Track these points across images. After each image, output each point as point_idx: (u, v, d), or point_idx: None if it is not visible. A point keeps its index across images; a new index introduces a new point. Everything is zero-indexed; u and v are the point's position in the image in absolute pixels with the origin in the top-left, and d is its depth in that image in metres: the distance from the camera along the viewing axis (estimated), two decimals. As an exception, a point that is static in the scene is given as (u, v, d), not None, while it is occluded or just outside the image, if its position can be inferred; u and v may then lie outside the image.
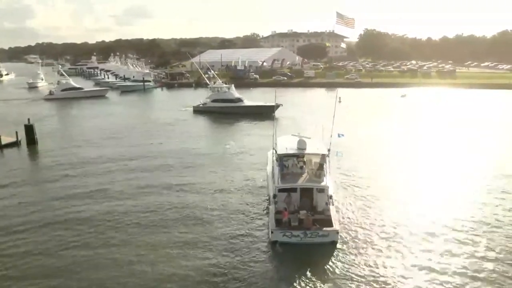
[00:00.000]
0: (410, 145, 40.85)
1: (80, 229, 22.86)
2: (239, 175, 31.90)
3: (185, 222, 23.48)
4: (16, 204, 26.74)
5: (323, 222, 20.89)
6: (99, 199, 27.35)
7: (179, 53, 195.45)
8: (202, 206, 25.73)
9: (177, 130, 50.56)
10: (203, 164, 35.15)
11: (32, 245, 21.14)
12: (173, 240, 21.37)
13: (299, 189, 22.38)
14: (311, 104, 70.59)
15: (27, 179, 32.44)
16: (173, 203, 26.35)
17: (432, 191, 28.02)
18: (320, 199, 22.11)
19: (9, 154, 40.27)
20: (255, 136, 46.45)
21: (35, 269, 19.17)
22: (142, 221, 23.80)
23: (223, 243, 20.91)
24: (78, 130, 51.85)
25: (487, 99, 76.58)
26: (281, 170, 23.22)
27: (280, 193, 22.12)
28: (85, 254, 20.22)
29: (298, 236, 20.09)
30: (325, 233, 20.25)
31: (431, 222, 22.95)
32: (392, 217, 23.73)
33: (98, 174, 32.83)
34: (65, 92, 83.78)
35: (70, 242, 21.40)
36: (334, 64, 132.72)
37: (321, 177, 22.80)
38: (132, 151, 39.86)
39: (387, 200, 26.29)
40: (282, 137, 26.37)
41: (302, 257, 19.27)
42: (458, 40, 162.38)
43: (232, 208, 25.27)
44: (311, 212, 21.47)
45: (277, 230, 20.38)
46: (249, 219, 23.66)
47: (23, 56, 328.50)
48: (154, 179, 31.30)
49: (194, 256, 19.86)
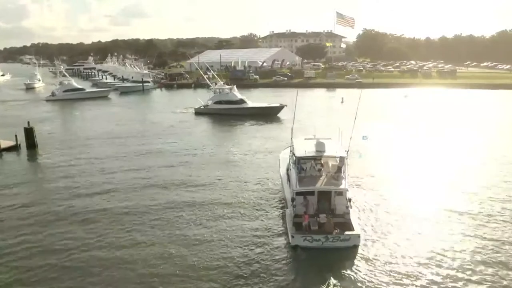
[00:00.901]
0: (425, 146, 40.27)
1: (89, 233, 22.39)
2: (249, 178, 31.14)
3: (198, 227, 22.97)
4: (17, 210, 25.96)
5: (343, 225, 20.60)
6: (104, 204, 26.54)
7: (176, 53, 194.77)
8: (214, 211, 25.02)
9: (179, 133, 49.42)
10: (210, 168, 34.20)
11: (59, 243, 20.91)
12: (189, 245, 20.89)
13: (316, 192, 21.90)
14: (314, 105, 69.70)
15: (27, 184, 31.39)
16: (182, 207, 25.66)
17: (454, 193, 27.52)
18: (339, 202, 21.72)
19: (9, 158, 39.10)
20: (261, 138, 45.59)
21: (43, 274, 18.79)
22: (152, 229, 22.99)
23: (241, 248, 20.49)
24: (79, 133, 50.59)
25: (491, 99, 76.16)
26: (298, 173, 22.67)
27: (297, 197, 21.70)
28: (101, 256, 19.87)
29: (319, 241, 19.81)
30: (346, 237, 19.94)
31: (456, 223, 22.58)
32: (413, 219, 23.28)
33: (102, 178, 31.89)
34: (67, 93, 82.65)
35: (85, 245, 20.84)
36: (334, 64, 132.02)
37: (340, 179, 22.32)
38: (135, 154, 38.85)
39: (406, 202, 25.79)
40: (299, 139, 25.82)
41: (324, 261, 18.94)
42: (457, 40, 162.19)
43: (246, 212, 24.77)
44: (330, 216, 21.09)
45: (297, 234, 20.07)
46: (265, 224, 23.23)
47: (18, 57, 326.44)
48: (159, 184, 30.38)
49: (212, 262, 19.39)
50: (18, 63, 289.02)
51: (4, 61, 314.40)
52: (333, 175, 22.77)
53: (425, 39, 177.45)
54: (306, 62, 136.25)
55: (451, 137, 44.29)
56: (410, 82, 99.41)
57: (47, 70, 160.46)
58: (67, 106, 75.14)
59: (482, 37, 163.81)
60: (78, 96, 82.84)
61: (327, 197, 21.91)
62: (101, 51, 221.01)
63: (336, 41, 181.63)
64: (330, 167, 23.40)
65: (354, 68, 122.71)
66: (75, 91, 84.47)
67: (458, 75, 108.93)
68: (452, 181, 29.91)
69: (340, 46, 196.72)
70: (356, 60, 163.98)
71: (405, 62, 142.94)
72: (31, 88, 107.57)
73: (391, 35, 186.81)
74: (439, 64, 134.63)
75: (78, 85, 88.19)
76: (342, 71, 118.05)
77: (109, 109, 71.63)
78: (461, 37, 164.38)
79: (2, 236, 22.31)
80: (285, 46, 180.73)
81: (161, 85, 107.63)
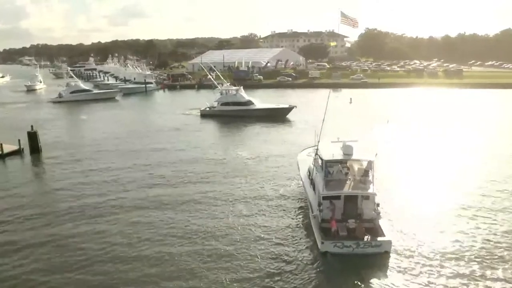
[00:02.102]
0: (444, 148, 39.45)
1: (99, 243, 21.39)
2: (266, 183, 30.40)
3: (220, 234, 22.19)
4: (20, 218, 25.00)
5: (371, 231, 20.14)
6: (114, 213, 25.29)
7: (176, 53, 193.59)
8: (234, 217, 24.24)
9: (187, 136, 47.86)
10: (224, 173, 32.99)
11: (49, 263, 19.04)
12: (215, 255, 20.13)
13: (343, 197, 21.32)
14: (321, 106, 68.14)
15: (29, 191, 30.22)
16: (201, 213, 24.94)
17: (482, 194, 27.02)
18: (367, 206, 21.10)
19: (11, 163, 37.89)
20: (272, 141, 44.37)
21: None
22: (168, 235, 22.02)
23: (268, 255, 19.87)
24: (85, 136, 49.25)
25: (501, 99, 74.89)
26: (325, 177, 21.97)
27: (324, 201, 21.21)
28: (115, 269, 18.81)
29: (350, 247, 19.37)
30: (378, 243, 19.46)
31: (486, 224, 22.18)
32: (444, 223, 22.79)
33: (108, 184, 30.69)
34: (74, 95, 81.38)
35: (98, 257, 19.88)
36: (339, 64, 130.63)
37: (368, 183, 21.66)
38: (142, 160, 37.37)
39: (434, 205, 25.15)
40: (325, 142, 25.03)
41: (355, 268, 18.39)
42: (460, 39, 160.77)
43: (268, 218, 24.06)
44: (359, 221, 20.54)
45: (327, 240, 19.61)
46: (290, 229, 22.63)
47: (17, 58, 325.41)
48: (169, 190, 29.23)
49: (239, 270, 18.84)
50: (18, 64, 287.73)
51: (3, 63, 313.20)
52: (360, 179, 22.05)
53: (428, 38, 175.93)
54: (310, 62, 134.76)
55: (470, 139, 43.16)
56: (416, 82, 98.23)
57: (48, 71, 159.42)
58: (73, 108, 73.78)
59: (486, 35, 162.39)
60: (85, 98, 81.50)
61: (354, 201, 21.31)
62: (101, 51, 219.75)
63: (339, 40, 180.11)
64: (357, 170, 22.63)
65: (359, 68, 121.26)
66: (82, 92, 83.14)
67: (464, 75, 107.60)
68: (480, 180, 29.34)
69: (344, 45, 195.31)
70: (359, 60, 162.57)
71: (409, 61, 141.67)
72: (32, 90, 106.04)
73: (393, 35, 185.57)
74: (444, 63, 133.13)
75: (85, 87, 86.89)
76: (347, 71, 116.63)
77: (115, 112, 70.07)
78: (464, 36, 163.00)
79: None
80: (286, 46, 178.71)
81: (163, 86, 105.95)
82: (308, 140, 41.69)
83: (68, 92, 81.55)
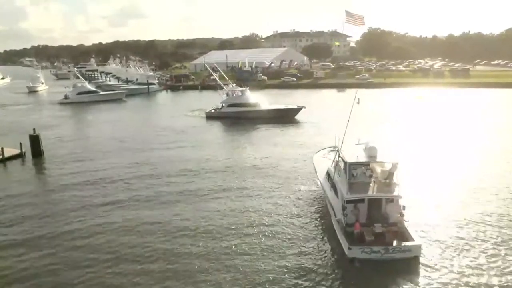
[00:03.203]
0: (469, 150, 38.39)
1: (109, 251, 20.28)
2: (281, 186, 29.35)
3: (242, 241, 21.39)
4: (21, 223, 24.20)
5: (398, 235, 19.54)
6: (121, 221, 24.06)
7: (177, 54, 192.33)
8: (254, 222, 23.46)
9: (194, 139, 46.20)
10: (237, 176, 31.92)
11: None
12: (237, 261, 19.38)
13: (366, 200, 20.71)
14: (328, 106, 67.38)
15: (31, 195, 29.08)
16: (219, 216, 24.20)
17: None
18: (391, 210, 20.49)
19: (12, 167, 36.66)
20: (282, 143, 43.08)
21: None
22: (185, 246, 20.63)
23: (293, 261, 19.16)
24: (88, 140, 47.80)
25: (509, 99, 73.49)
26: (349, 180, 21.35)
27: (348, 205, 20.61)
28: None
29: (378, 252, 18.78)
30: (407, 248, 18.88)
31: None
32: (473, 225, 22.23)
33: (112, 190, 29.36)
34: (81, 96, 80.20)
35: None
36: (343, 64, 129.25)
37: (392, 186, 21.03)
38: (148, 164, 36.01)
39: (463, 208, 24.53)
40: (347, 144, 24.14)
41: (384, 274, 17.88)
42: (465, 38, 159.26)
43: (288, 223, 23.32)
44: (386, 224, 19.98)
45: (355, 246, 19.03)
46: (312, 234, 22.02)
47: (17, 59, 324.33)
48: (181, 197, 27.85)
49: (264, 276, 18.15)
50: (18, 65, 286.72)
51: (3, 64, 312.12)
52: (385, 181, 21.41)
53: (432, 37, 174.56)
54: (314, 62, 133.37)
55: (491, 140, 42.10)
56: (422, 82, 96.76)
57: (48, 72, 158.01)
58: (78, 109, 72.56)
59: (491, 34, 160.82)
60: (92, 99, 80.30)
61: (378, 204, 20.74)
62: (102, 52, 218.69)
63: (341, 40, 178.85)
64: (380, 173, 21.90)
65: (363, 68, 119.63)
66: (89, 93, 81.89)
67: (471, 74, 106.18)
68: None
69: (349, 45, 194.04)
70: (363, 59, 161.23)
71: (413, 61, 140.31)
72: (33, 91, 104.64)
73: (395, 34, 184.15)
74: (449, 63, 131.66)
75: (92, 88, 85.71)
76: (352, 71, 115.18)
77: (118, 113, 68.65)
78: (469, 35, 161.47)
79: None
80: (289, 46, 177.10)
81: (166, 87, 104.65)
82: (320, 141, 40.98)
83: (74, 93, 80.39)
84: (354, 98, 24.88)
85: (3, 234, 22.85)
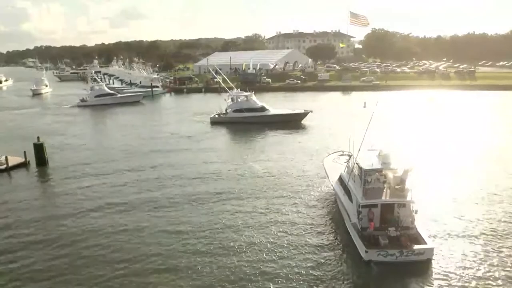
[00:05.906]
0: (482, 154, 38.51)
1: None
2: (293, 191, 29.88)
3: (257, 246, 21.97)
4: (23, 234, 24.14)
5: (411, 238, 20.51)
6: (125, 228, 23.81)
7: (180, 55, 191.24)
8: (268, 226, 24.16)
9: (202, 145, 45.59)
10: (249, 182, 32.29)
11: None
12: (255, 267, 20.03)
13: (380, 205, 21.62)
14: (333, 110, 66.78)
15: (30, 207, 28.70)
16: (235, 225, 24.51)
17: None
18: (404, 214, 21.42)
19: (16, 176, 36.17)
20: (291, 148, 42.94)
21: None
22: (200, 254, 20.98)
23: (310, 265, 19.90)
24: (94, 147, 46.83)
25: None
26: (363, 185, 22.23)
27: (362, 209, 21.58)
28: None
29: (393, 255, 19.80)
30: (421, 251, 19.85)
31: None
32: (485, 227, 22.95)
33: (116, 202, 28.85)
34: (99, 99, 79.72)
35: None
36: (348, 65, 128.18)
37: (405, 191, 21.77)
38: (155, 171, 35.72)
39: (475, 212, 25.15)
40: (360, 150, 24.30)
41: (398, 276, 18.88)
42: (469, 38, 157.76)
43: (303, 227, 23.97)
44: (399, 228, 20.95)
45: (372, 249, 19.94)
46: (327, 238, 22.75)
47: (20, 60, 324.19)
48: (194, 206, 27.65)
49: (281, 280, 18.83)
50: (21, 66, 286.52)
51: (6, 65, 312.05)
52: (397, 187, 22.11)
53: (436, 37, 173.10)
54: (319, 64, 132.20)
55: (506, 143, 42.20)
56: (429, 84, 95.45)
57: (52, 74, 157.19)
58: (95, 113, 72.01)
59: (496, 35, 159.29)
60: (110, 102, 79.70)
61: (391, 209, 21.69)
62: (104, 53, 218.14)
63: (345, 41, 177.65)
64: (393, 178, 22.54)
65: (368, 70, 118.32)
66: (107, 96, 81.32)
67: (477, 76, 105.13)
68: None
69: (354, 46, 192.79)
70: (367, 60, 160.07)
71: (417, 62, 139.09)
72: (38, 94, 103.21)
73: (399, 34, 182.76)
74: (454, 64, 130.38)
75: (109, 90, 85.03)
76: (357, 72, 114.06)
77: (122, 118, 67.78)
78: (473, 36, 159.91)
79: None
80: (292, 47, 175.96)
81: (170, 90, 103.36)
82: (327, 145, 40.94)
83: (92, 96, 79.87)
84: (375, 103, 25.90)
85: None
